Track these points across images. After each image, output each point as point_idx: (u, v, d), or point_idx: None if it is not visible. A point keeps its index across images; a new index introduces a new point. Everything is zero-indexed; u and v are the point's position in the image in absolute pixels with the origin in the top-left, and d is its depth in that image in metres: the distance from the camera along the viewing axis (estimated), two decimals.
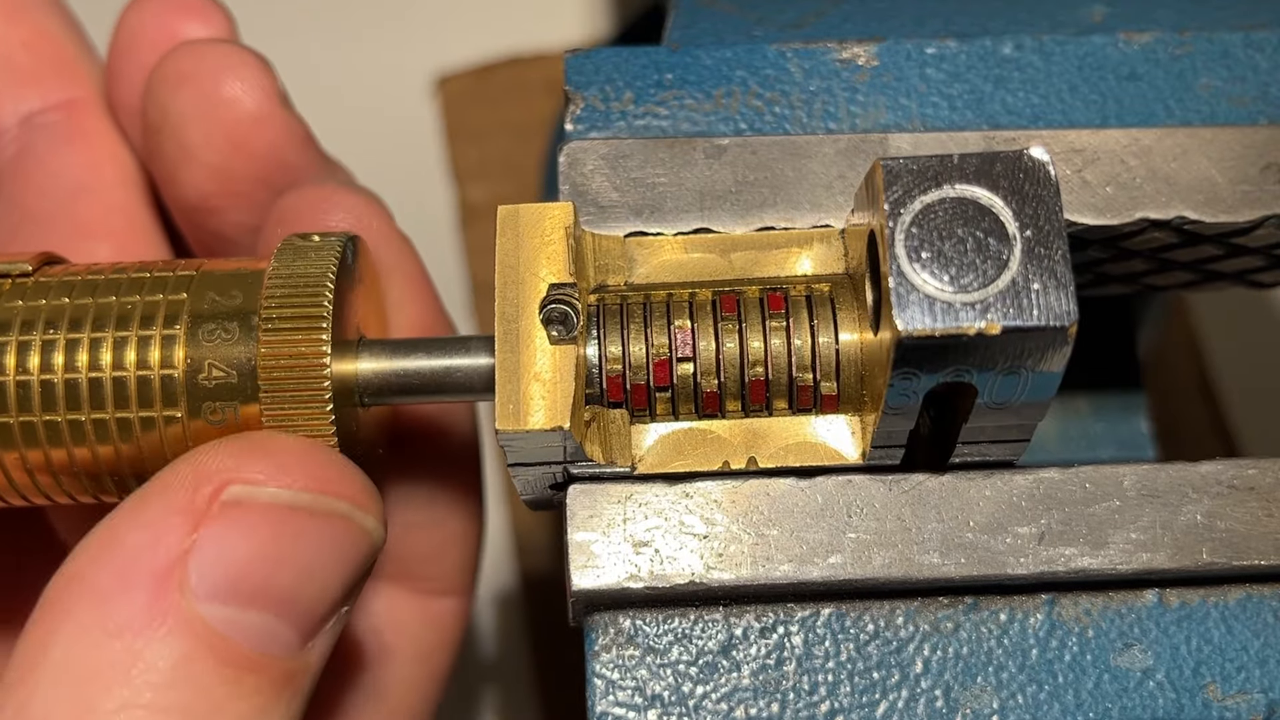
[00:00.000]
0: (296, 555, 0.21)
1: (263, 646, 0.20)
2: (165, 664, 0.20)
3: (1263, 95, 0.25)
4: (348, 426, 0.23)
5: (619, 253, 0.24)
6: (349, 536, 0.22)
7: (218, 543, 0.20)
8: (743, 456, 0.22)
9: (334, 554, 0.21)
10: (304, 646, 0.21)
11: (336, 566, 0.22)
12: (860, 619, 0.22)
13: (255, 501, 0.21)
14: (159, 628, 0.20)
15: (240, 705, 0.20)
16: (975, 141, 0.24)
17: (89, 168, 0.28)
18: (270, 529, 0.21)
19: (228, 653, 0.20)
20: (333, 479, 0.22)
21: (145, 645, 0.20)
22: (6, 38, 0.29)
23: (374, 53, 0.53)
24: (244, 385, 0.22)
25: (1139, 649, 0.22)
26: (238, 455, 0.21)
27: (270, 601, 0.21)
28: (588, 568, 0.22)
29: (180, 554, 0.20)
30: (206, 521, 0.20)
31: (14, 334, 0.23)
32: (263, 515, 0.21)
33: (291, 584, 0.21)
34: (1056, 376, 0.20)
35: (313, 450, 0.22)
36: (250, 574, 0.20)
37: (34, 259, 0.24)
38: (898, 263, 0.19)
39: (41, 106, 0.29)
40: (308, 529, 0.21)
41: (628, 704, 0.22)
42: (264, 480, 0.21)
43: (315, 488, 0.21)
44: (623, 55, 0.26)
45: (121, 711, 0.19)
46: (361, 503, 0.22)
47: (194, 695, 0.20)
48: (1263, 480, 0.22)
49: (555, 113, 0.49)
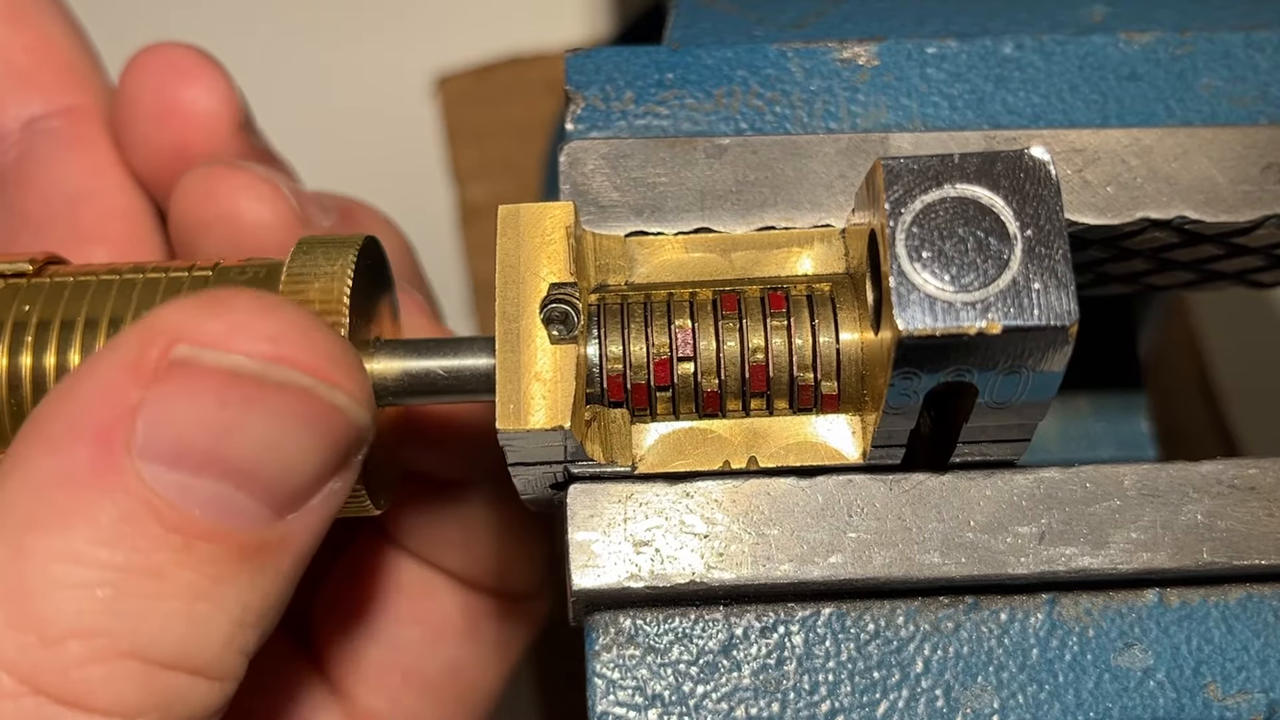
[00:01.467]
0: (249, 425, 0.20)
1: (218, 517, 0.20)
2: (106, 520, 0.19)
3: (1263, 95, 0.25)
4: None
5: (619, 252, 0.24)
6: (314, 410, 0.20)
7: (163, 404, 0.20)
8: (743, 456, 0.22)
9: (297, 427, 0.20)
10: (276, 521, 0.20)
11: (303, 440, 0.20)
12: (861, 619, 0.22)
13: (200, 364, 0.20)
14: (101, 483, 0.19)
15: (188, 573, 0.20)
16: (976, 141, 0.24)
17: (90, 173, 0.29)
18: (216, 395, 0.20)
19: (175, 519, 0.19)
20: (292, 345, 0.20)
21: (87, 499, 0.19)
22: (10, 43, 0.29)
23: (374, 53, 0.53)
24: None
25: (1139, 648, 0.22)
26: (193, 311, 0.20)
27: (224, 471, 0.20)
28: (588, 567, 0.22)
29: (125, 410, 0.20)
30: (153, 381, 0.20)
31: (30, 333, 0.23)
32: (209, 379, 0.20)
33: (248, 455, 0.20)
34: (1057, 376, 0.20)
35: (274, 310, 0.20)
36: (198, 440, 0.20)
37: (36, 259, 0.24)
38: (898, 262, 0.19)
39: (44, 112, 0.29)
40: (260, 399, 0.20)
41: (628, 703, 0.22)
42: (213, 342, 0.20)
43: (269, 354, 0.20)
44: (623, 55, 0.26)
45: (57, 563, 0.19)
46: (328, 376, 0.21)
47: (134, 556, 0.19)
48: (1263, 480, 0.22)
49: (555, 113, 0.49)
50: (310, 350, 0.20)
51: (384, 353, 0.24)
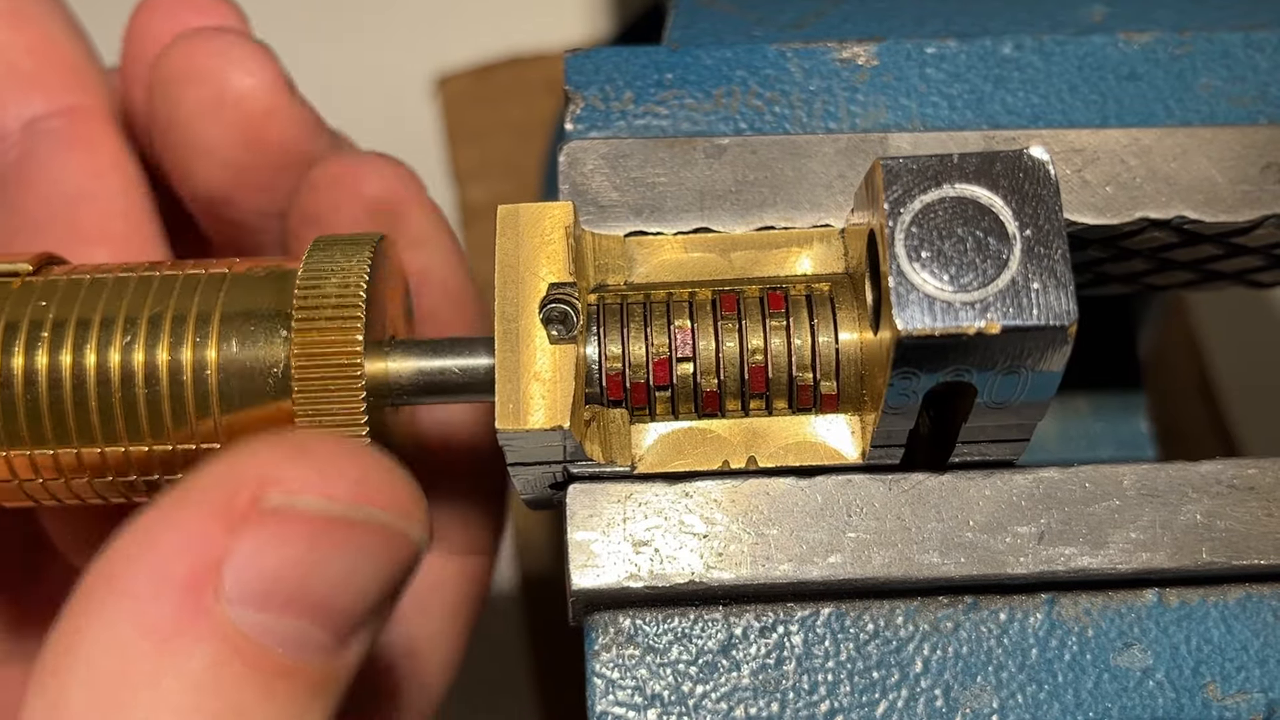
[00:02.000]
0: (334, 564, 0.20)
1: (295, 653, 0.20)
2: (196, 669, 0.19)
3: (1263, 95, 0.25)
4: (379, 426, 0.23)
5: (619, 252, 0.24)
6: (390, 544, 0.21)
7: (255, 550, 0.20)
8: (743, 456, 0.22)
9: (373, 562, 0.21)
10: (340, 651, 0.21)
11: (376, 573, 0.21)
12: (860, 618, 0.22)
13: (294, 511, 0.20)
14: (191, 632, 0.19)
15: (270, 711, 0.20)
16: (975, 141, 0.24)
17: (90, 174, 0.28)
18: (309, 538, 0.20)
19: (259, 659, 0.20)
20: (375, 486, 0.21)
21: (176, 649, 0.19)
22: (12, 43, 0.29)
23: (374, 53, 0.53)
24: (277, 385, 0.22)
25: (1139, 648, 0.22)
26: (278, 458, 0.21)
27: (305, 608, 0.20)
28: (588, 567, 0.22)
29: (216, 559, 0.20)
30: (244, 527, 0.20)
31: (46, 332, 0.23)
32: (302, 524, 0.20)
33: (328, 592, 0.20)
34: (1056, 376, 0.20)
35: (355, 454, 0.21)
36: (286, 582, 0.20)
37: (34, 259, 0.24)
38: (897, 262, 0.19)
39: (45, 112, 0.29)
40: (347, 538, 0.20)
41: (628, 703, 0.22)
42: (304, 488, 0.20)
43: (357, 497, 0.20)
44: (623, 55, 0.26)
45: (151, 716, 0.19)
46: (405, 510, 0.21)
47: (223, 701, 0.19)
48: (1263, 480, 0.22)
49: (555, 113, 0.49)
50: (391, 489, 0.21)
51: (399, 352, 0.24)
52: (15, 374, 0.23)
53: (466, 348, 0.24)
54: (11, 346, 0.23)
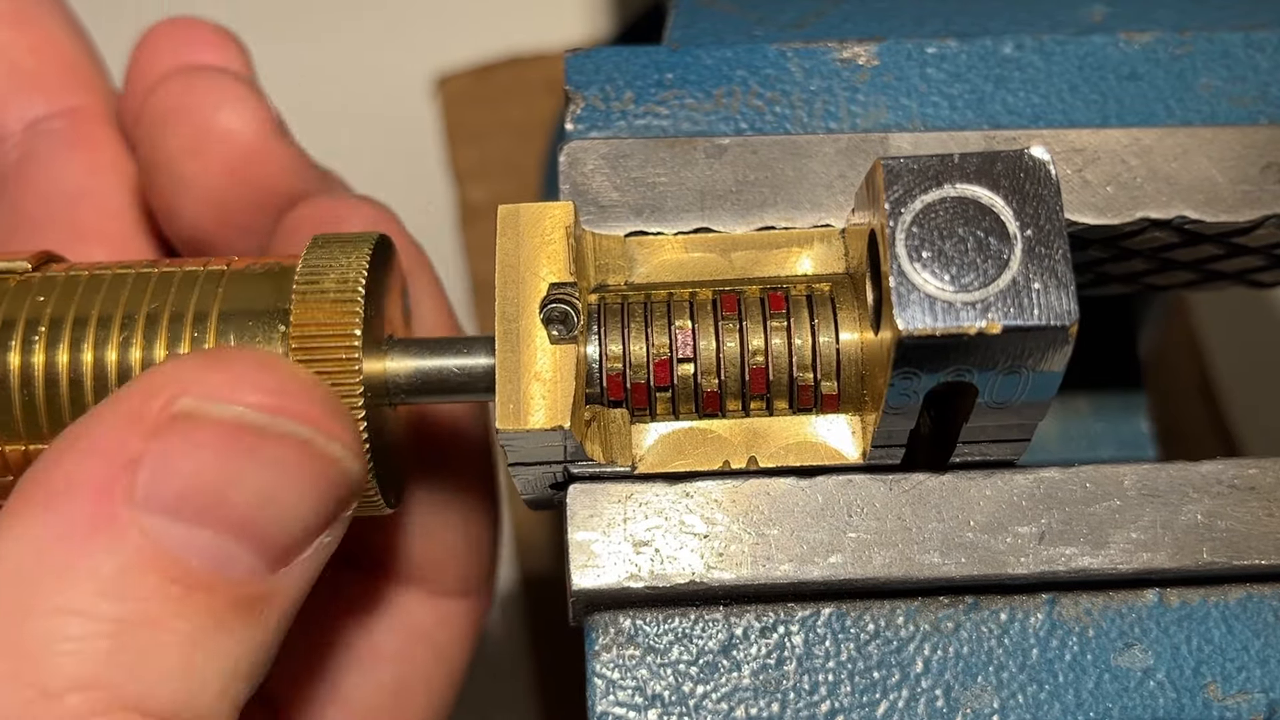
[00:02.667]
0: (250, 476, 0.20)
1: (216, 567, 0.20)
2: (105, 572, 0.19)
3: (1263, 95, 0.25)
4: (377, 426, 0.23)
5: (619, 252, 0.24)
6: (312, 462, 0.21)
7: (164, 456, 0.20)
8: (743, 456, 0.22)
9: (296, 479, 0.21)
10: (269, 575, 0.21)
11: (301, 492, 0.21)
12: (860, 619, 0.22)
13: (205, 416, 0.20)
14: (101, 535, 0.19)
15: (186, 624, 0.20)
16: (976, 141, 0.24)
17: (90, 174, 0.29)
18: (219, 446, 0.20)
19: (174, 569, 0.20)
20: (294, 399, 0.21)
21: (87, 551, 0.19)
22: (15, 44, 0.29)
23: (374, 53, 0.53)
24: None
25: (1139, 648, 0.22)
26: (195, 367, 0.20)
27: (223, 522, 0.20)
28: (588, 567, 0.22)
29: (126, 462, 0.20)
30: (155, 432, 0.20)
31: (44, 328, 0.23)
32: (212, 431, 0.20)
33: (247, 506, 0.20)
34: (1057, 376, 0.20)
35: (275, 366, 0.21)
36: (198, 491, 0.20)
37: (33, 257, 0.24)
38: (898, 262, 0.19)
39: (46, 112, 0.29)
40: (261, 450, 0.20)
41: (628, 704, 0.22)
42: (217, 394, 0.20)
43: (271, 407, 0.20)
44: (623, 55, 0.26)
45: (57, 615, 0.19)
46: (326, 428, 0.21)
47: (133, 607, 0.19)
48: (1263, 480, 0.22)
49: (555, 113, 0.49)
50: (310, 403, 0.21)
51: (397, 351, 0.24)
52: (12, 371, 0.23)
53: (465, 347, 0.24)
54: (9, 343, 0.23)
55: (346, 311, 0.23)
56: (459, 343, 0.24)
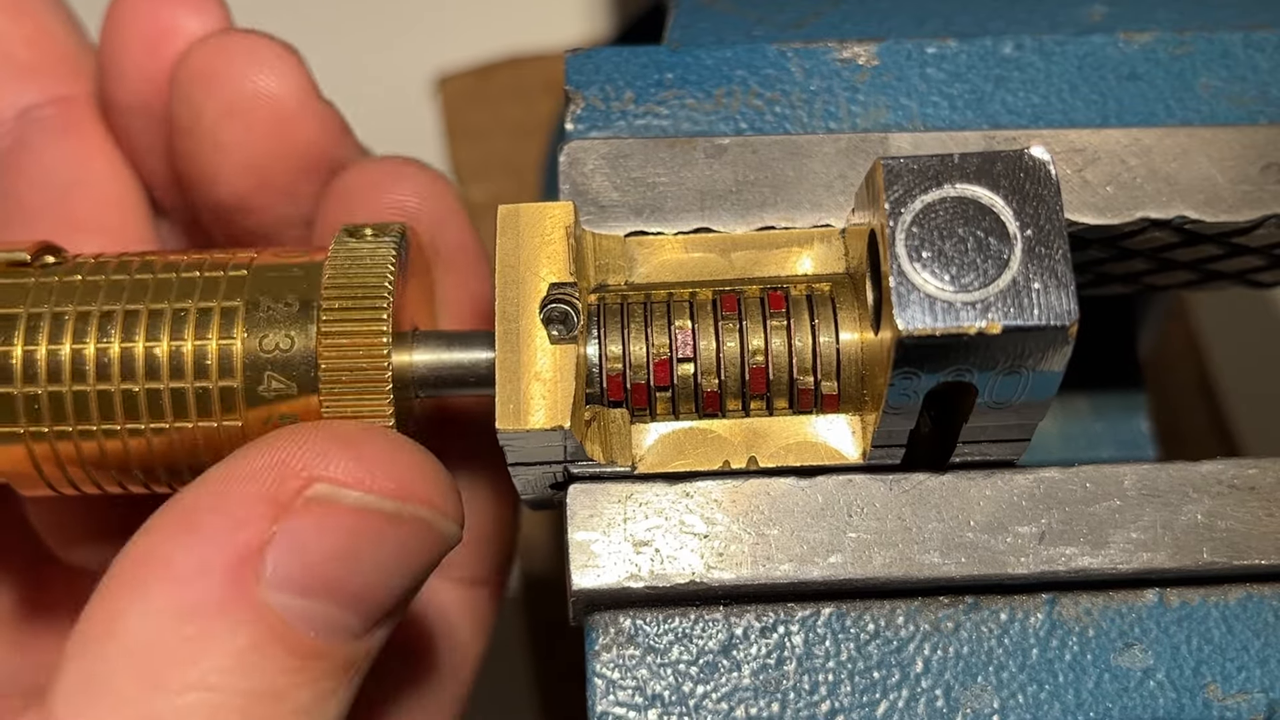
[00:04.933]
0: (373, 555, 0.21)
1: (327, 636, 0.21)
2: (235, 649, 0.20)
3: (1263, 95, 0.25)
4: (403, 418, 0.23)
5: (619, 252, 0.24)
6: (426, 539, 0.22)
7: (298, 537, 0.20)
8: (743, 456, 0.22)
9: (408, 555, 0.21)
10: (366, 636, 0.21)
11: (409, 565, 0.22)
12: (860, 619, 0.22)
13: (339, 503, 0.21)
14: (232, 613, 0.20)
15: (303, 692, 0.20)
16: (976, 141, 0.24)
17: (83, 162, 0.28)
18: (351, 529, 0.21)
19: (294, 642, 0.20)
20: (417, 482, 0.21)
21: (217, 629, 0.20)
22: (8, 33, 0.29)
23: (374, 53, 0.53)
24: (304, 379, 0.23)
25: (1139, 648, 0.22)
26: (325, 449, 0.21)
27: (341, 596, 0.21)
28: (588, 567, 0.22)
29: (260, 544, 0.20)
30: (288, 515, 0.20)
31: (70, 321, 0.23)
32: (345, 517, 0.21)
33: (364, 581, 0.21)
34: (1057, 376, 0.20)
35: (399, 450, 0.22)
36: (325, 570, 0.20)
37: (31, 247, 0.24)
38: (898, 262, 0.19)
39: (39, 101, 0.29)
40: (387, 532, 0.21)
41: (628, 704, 0.22)
42: (350, 481, 0.21)
43: (400, 493, 0.21)
44: (623, 55, 0.26)
45: (188, 692, 0.19)
46: (443, 506, 0.22)
47: (260, 681, 0.20)
48: (1263, 480, 0.22)
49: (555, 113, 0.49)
50: (432, 487, 0.22)
51: (422, 344, 0.24)
52: (40, 366, 0.23)
53: (489, 340, 0.24)
54: (35, 338, 0.23)
55: (375, 312, 0.23)
56: (482, 336, 0.24)
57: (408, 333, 0.24)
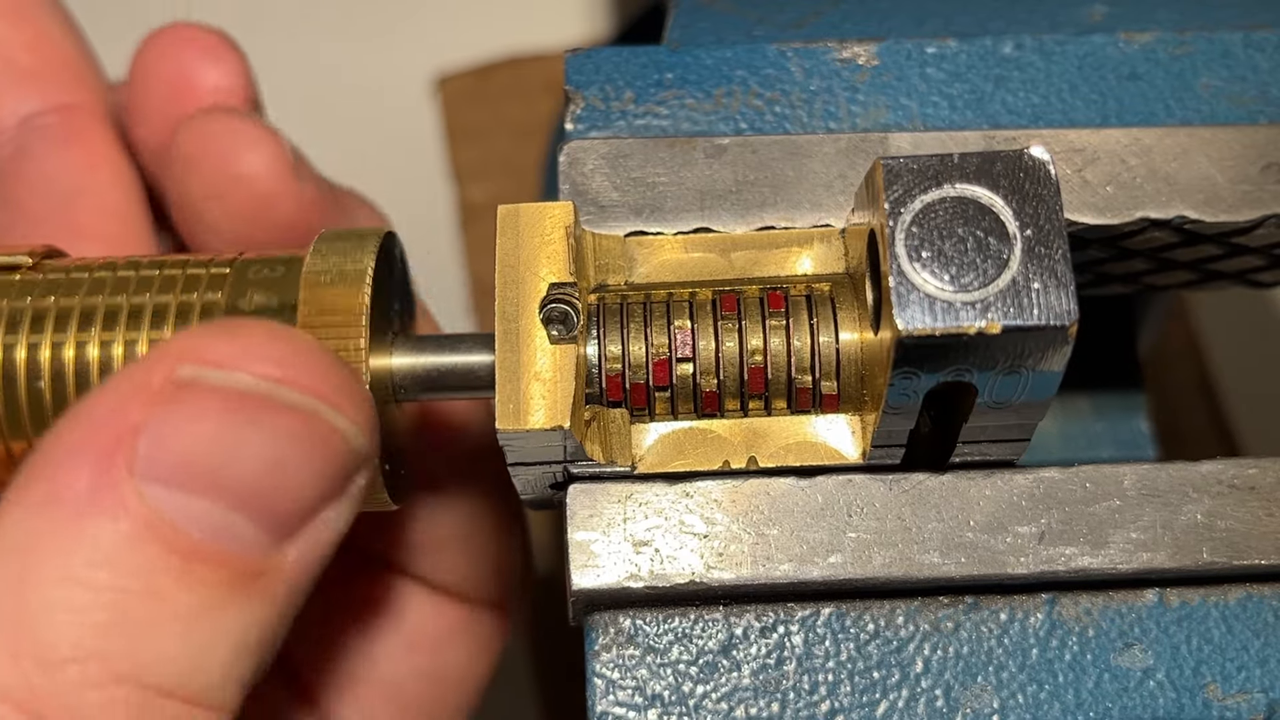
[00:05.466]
0: (251, 447, 0.20)
1: (218, 539, 0.20)
2: (107, 542, 0.19)
3: (1263, 95, 0.25)
4: (384, 421, 0.23)
5: (619, 252, 0.24)
6: (317, 434, 0.20)
7: (165, 424, 0.19)
8: (743, 456, 0.22)
9: (299, 450, 0.20)
10: (275, 547, 0.20)
11: (304, 464, 0.20)
12: (860, 618, 0.22)
13: (206, 383, 0.20)
14: (102, 505, 0.19)
15: (187, 596, 0.19)
16: (975, 141, 0.24)
17: (85, 170, 0.29)
18: (221, 414, 0.20)
19: (176, 540, 0.19)
20: (300, 370, 0.20)
21: (87, 522, 0.19)
22: (9, 40, 0.29)
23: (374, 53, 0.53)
24: None
25: (1139, 648, 0.22)
26: (202, 336, 0.20)
27: (224, 493, 0.20)
28: (588, 567, 0.22)
29: (127, 431, 0.19)
30: (157, 401, 0.19)
31: (50, 324, 0.23)
32: (214, 399, 0.20)
33: (249, 477, 0.20)
34: (1057, 376, 0.20)
35: (285, 336, 0.21)
36: (199, 460, 0.19)
37: (33, 251, 0.24)
38: (898, 262, 0.19)
39: (40, 108, 0.29)
40: (264, 419, 0.20)
41: (628, 704, 0.22)
42: (220, 362, 0.20)
43: (276, 377, 0.20)
44: (623, 55, 0.26)
45: (56, 585, 0.19)
46: (333, 400, 0.21)
47: (134, 578, 0.19)
48: (1263, 480, 0.22)
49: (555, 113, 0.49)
50: (317, 375, 0.20)
51: (402, 348, 0.24)
52: (18, 367, 0.23)
53: (470, 344, 0.24)
54: (15, 339, 0.23)
55: (352, 308, 0.23)
56: (463, 339, 0.24)
57: (388, 336, 0.24)
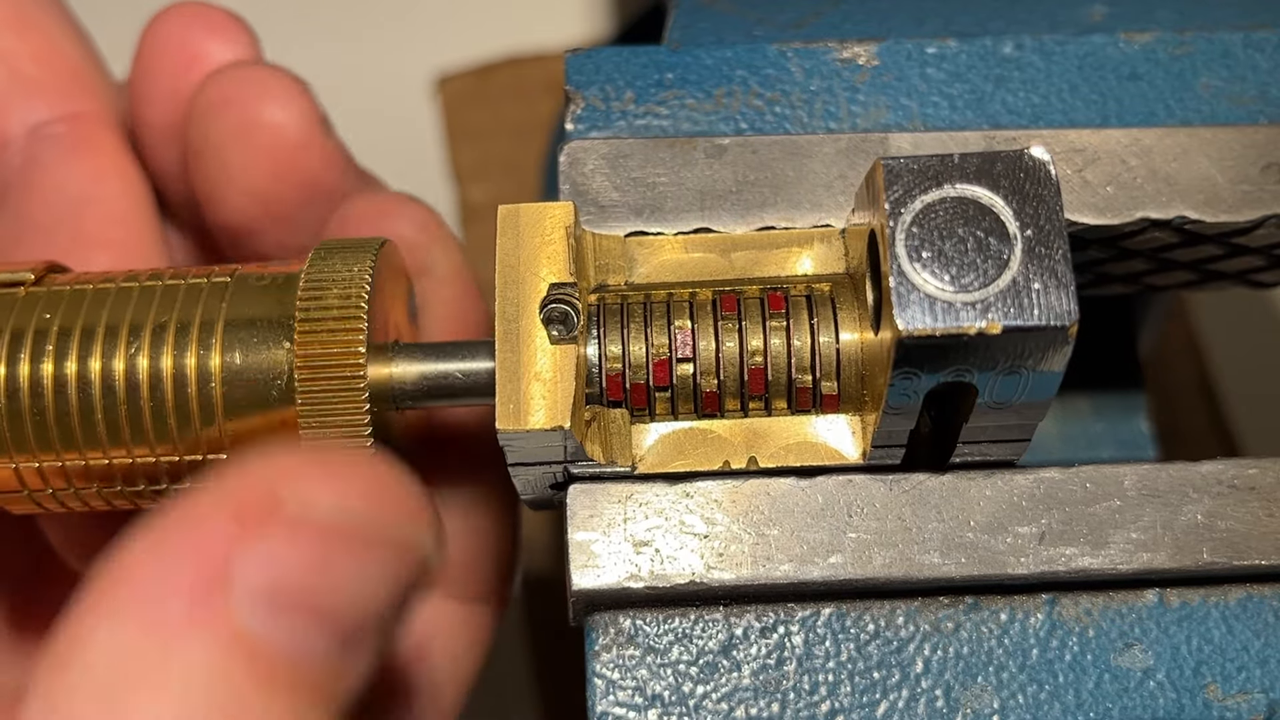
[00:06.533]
0: (344, 571, 0.20)
1: (299, 656, 0.20)
2: (201, 667, 0.19)
3: (1263, 95, 0.25)
4: (383, 431, 0.23)
5: (619, 252, 0.24)
6: (400, 554, 0.21)
7: (266, 552, 0.20)
8: (743, 456, 0.22)
9: (382, 571, 0.21)
10: (344, 658, 0.21)
11: (384, 583, 0.21)
12: (860, 619, 0.22)
13: (308, 516, 0.20)
14: (197, 631, 0.19)
15: (272, 713, 0.20)
16: (976, 141, 0.24)
17: (93, 179, 0.29)
18: (320, 544, 0.20)
19: (263, 661, 0.20)
20: (387, 496, 0.21)
21: (182, 647, 0.19)
22: (17, 50, 0.29)
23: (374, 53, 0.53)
24: (281, 393, 0.22)
25: (1140, 649, 0.22)
26: (293, 466, 0.21)
27: (312, 614, 0.20)
28: (588, 567, 0.22)
29: (226, 560, 0.20)
30: (256, 530, 0.20)
31: (51, 342, 0.23)
32: (314, 530, 0.20)
33: (336, 598, 0.20)
34: (1057, 376, 0.20)
35: (370, 465, 0.21)
36: (295, 586, 0.20)
37: (36, 268, 0.24)
38: (898, 262, 0.19)
39: (49, 118, 0.29)
40: (358, 546, 0.21)
41: (628, 704, 0.22)
42: (318, 496, 0.20)
43: (370, 507, 0.21)
44: (623, 55, 0.26)
45: (153, 713, 0.19)
46: (415, 520, 0.21)
47: (227, 700, 0.19)
48: (1263, 480, 0.22)
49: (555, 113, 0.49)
50: (403, 500, 0.21)
51: (403, 356, 0.24)
52: (21, 383, 0.23)
53: (469, 351, 0.24)
54: (17, 356, 0.23)
55: (350, 326, 0.23)
56: (463, 347, 0.24)
57: (388, 345, 0.24)
